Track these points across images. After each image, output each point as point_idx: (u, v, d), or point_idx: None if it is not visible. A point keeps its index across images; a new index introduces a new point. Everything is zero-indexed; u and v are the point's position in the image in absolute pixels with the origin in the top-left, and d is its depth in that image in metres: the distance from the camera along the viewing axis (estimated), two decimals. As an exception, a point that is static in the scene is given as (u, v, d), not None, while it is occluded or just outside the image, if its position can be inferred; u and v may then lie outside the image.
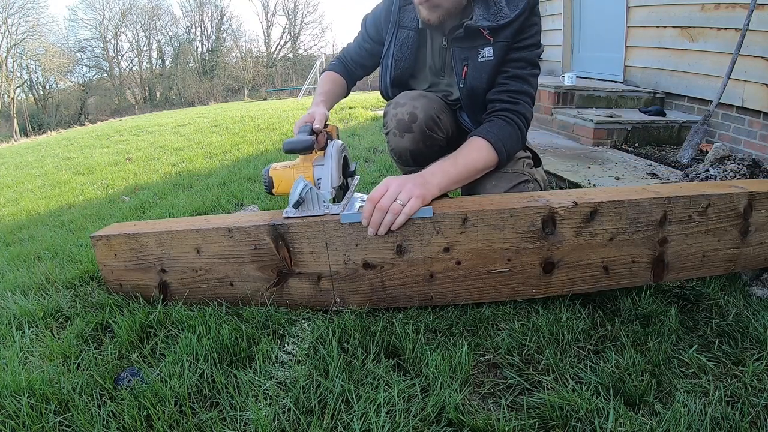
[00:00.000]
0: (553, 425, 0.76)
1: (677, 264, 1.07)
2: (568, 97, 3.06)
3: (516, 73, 1.20)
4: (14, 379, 0.88)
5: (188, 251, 1.12)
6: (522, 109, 1.19)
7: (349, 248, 1.06)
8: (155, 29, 26.51)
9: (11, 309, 1.23)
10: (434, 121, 1.27)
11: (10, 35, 21.43)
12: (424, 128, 1.26)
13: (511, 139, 1.17)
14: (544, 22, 4.31)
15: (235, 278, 1.12)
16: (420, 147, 1.29)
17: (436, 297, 1.08)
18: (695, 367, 0.89)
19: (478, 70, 1.21)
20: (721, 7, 2.56)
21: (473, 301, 1.08)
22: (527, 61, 1.20)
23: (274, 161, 1.30)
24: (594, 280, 1.06)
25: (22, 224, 2.40)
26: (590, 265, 1.05)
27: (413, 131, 1.26)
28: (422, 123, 1.25)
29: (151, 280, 1.16)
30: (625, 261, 1.05)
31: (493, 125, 1.17)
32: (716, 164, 1.61)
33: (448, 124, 1.32)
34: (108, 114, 20.07)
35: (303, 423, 0.78)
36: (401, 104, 1.27)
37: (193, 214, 2.03)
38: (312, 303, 1.12)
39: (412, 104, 1.25)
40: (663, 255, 1.05)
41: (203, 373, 0.90)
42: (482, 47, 1.20)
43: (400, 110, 1.26)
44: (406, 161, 1.34)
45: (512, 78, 1.20)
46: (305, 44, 28.71)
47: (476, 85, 1.23)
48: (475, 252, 1.04)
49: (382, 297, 1.09)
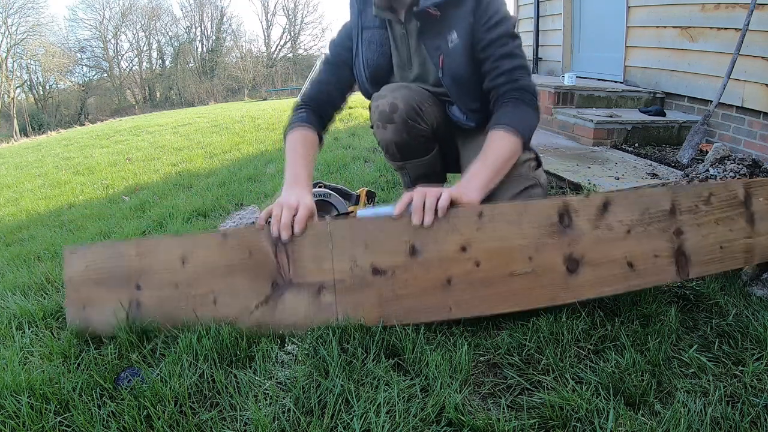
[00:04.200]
0: (553, 425, 0.76)
1: (699, 257, 1.05)
2: (568, 97, 3.06)
3: (502, 52, 1.18)
4: (14, 379, 0.88)
5: (172, 260, 1.02)
6: (523, 83, 1.18)
7: (357, 250, 0.99)
8: (155, 29, 26.51)
9: (11, 309, 1.23)
10: (415, 111, 1.26)
11: (10, 35, 21.43)
12: (405, 118, 1.25)
13: (527, 117, 1.16)
14: (544, 22, 4.31)
15: (221, 293, 1.02)
16: (404, 138, 1.29)
17: (455, 307, 0.98)
18: (695, 367, 0.89)
19: (451, 57, 1.21)
20: (721, 7, 2.56)
21: (498, 311, 0.99)
22: (507, 36, 1.18)
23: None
24: (621, 279, 1.02)
25: (22, 224, 2.40)
26: (614, 262, 1.01)
27: (395, 122, 1.26)
28: (403, 113, 1.24)
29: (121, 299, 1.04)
30: (648, 255, 1.02)
31: (506, 110, 1.16)
32: (716, 164, 1.61)
33: (432, 115, 1.31)
34: (108, 114, 20.06)
35: (303, 423, 0.78)
36: (382, 96, 1.27)
37: (193, 214, 2.03)
38: (308, 322, 1.00)
39: (392, 95, 1.25)
40: (682, 247, 1.04)
41: (203, 373, 0.90)
42: (448, 32, 1.19)
43: (381, 102, 1.26)
44: (393, 155, 1.35)
45: (500, 58, 1.18)
46: (305, 44, 28.70)
47: (456, 71, 1.22)
48: (494, 251, 0.99)
49: (394, 310, 0.98)
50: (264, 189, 2.31)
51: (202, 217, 2.00)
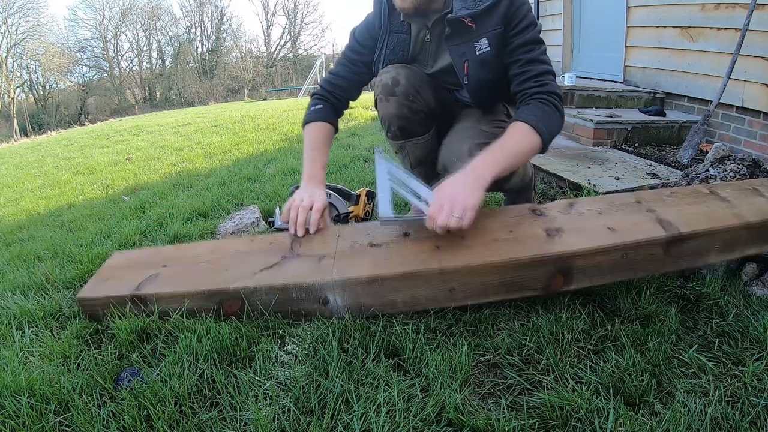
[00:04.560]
0: (553, 425, 0.76)
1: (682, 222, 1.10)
2: (568, 97, 3.06)
3: (530, 58, 1.20)
4: (14, 379, 0.88)
5: (204, 253, 1.19)
6: (551, 88, 1.19)
7: (358, 237, 1.14)
8: (155, 29, 26.50)
9: (11, 309, 1.23)
10: (415, 89, 1.30)
11: (10, 35, 21.42)
12: (406, 92, 1.29)
13: (551, 119, 1.17)
14: (544, 22, 4.31)
15: (233, 265, 1.12)
16: (405, 112, 1.32)
17: (444, 261, 1.03)
18: (695, 367, 0.89)
19: (478, 65, 1.22)
20: (721, 7, 2.56)
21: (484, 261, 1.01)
22: (533, 42, 1.20)
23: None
24: (604, 237, 1.05)
25: (22, 224, 2.40)
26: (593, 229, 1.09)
27: (396, 94, 1.30)
28: (404, 87, 1.29)
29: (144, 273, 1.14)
30: (627, 223, 1.10)
31: (530, 108, 1.17)
32: (716, 164, 1.61)
33: (429, 96, 1.34)
34: (108, 114, 20.07)
35: (303, 423, 0.78)
36: (386, 71, 1.31)
37: (193, 213, 2.02)
38: (304, 279, 1.03)
39: (395, 71, 1.30)
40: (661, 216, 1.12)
41: (203, 373, 0.90)
42: (477, 40, 1.20)
43: (385, 76, 1.30)
44: (395, 133, 1.38)
45: (528, 63, 1.20)
46: (305, 44, 28.70)
47: (482, 77, 1.24)
48: (477, 230, 1.09)
49: (386, 267, 1.03)
50: (264, 189, 2.31)
51: (202, 217, 2.00)
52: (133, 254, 1.30)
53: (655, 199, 1.21)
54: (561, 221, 1.13)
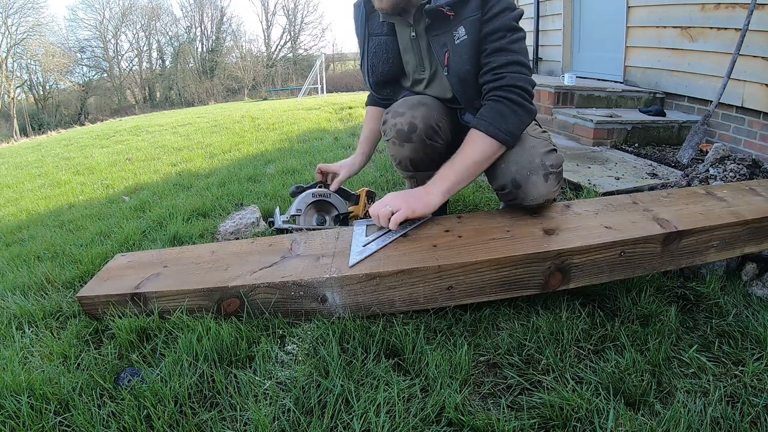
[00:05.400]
0: (553, 425, 0.76)
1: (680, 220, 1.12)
2: (568, 97, 3.06)
3: (494, 47, 1.13)
4: (14, 379, 0.88)
5: (204, 254, 1.23)
6: (509, 81, 1.12)
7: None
8: (155, 29, 26.48)
9: (11, 309, 1.23)
10: (434, 129, 1.26)
11: (10, 35, 21.41)
12: (423, 138, 1.25)
13: (506, 119, 1.11)
14: (544, 22, 4.31)
15: (233, 265, 1.15)
16: (420, 155, 1.29)
17: (442, 259, 1.03)
18: (695, 367, 0.89)
19: (458, 54, 1.17)
20: (721, 7, 2.56)
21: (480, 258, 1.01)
22: (504, 29, 1.13)
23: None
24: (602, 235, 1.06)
25: (22, 224, 2.40)
26: (591, 227, 1.11)
27: (413, 141, 1.26)
28: (422, 133, 1.24)
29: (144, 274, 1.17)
30: (625, 221, 1.13)
31: (484, 110, 1.15)
32: (716, 164, 1.61)
33: (447, 129, 1.31)
34: (108, 114, 20.06)
35: (303, 423, 0.78)
36: (400, 113, 1.25)
37: (193, 213, 2.02)
38: (302, 276, 1.04)
39: (411, 114, 1.24)
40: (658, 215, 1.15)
41: (203, 373, 0.90)
42: (455, 29, 1.15)
43: (400, 120, 1.25)
44: (406, 167, 1.35)
45: (492, 53, 1.14)
46: (305, 44, 28.67)
47: (461, 68, 1.18)
48: (473, 229, 1.16)
49: (385, 263, 1.04)
50: (264, 189, 2.31)
51: (202, 217, 2.00)
52: (135, 256, 1.32)
53: (652, 200, 1.25)
54: (558, 221, 1.15)
